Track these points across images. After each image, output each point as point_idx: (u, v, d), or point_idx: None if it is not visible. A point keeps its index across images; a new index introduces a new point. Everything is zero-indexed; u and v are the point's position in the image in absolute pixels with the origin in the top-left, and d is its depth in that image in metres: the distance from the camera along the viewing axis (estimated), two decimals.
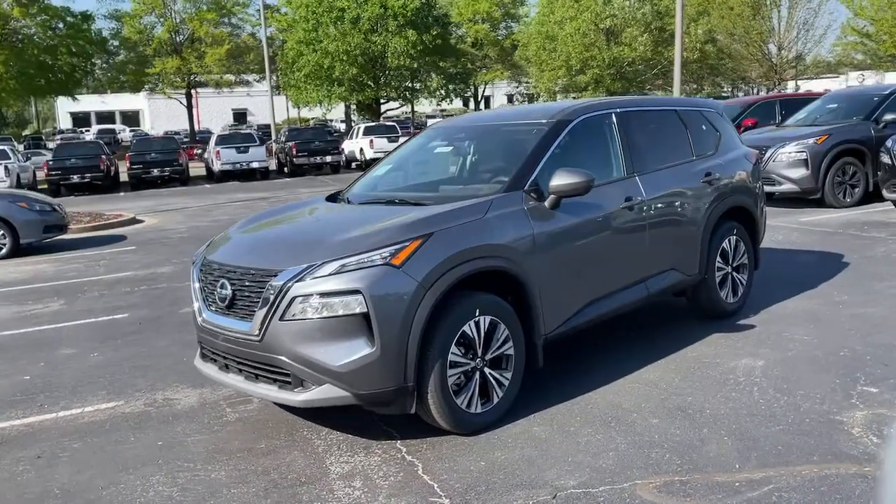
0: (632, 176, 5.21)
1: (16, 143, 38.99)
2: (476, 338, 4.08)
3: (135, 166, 25.99)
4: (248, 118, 79.52)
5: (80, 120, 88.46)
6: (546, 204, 4.52)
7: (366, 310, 3.71)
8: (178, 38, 55.63)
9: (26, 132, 75.50)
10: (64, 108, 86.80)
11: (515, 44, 49.87)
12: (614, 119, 5.29)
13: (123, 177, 26.58)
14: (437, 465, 3.80)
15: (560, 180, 4.47)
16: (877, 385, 4.48)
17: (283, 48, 40.83)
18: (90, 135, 59.50)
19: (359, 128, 30.21)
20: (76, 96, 56.90)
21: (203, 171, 30.21)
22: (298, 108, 46.55)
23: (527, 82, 52.39)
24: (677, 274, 5.49)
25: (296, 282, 3.80)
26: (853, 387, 4.47)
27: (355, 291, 3.72)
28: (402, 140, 23.12)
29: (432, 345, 3.89)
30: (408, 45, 33.27)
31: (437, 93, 38.81)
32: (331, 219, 4.91)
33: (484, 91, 64.38)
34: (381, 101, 38.39)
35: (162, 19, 55.31)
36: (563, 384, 4.78)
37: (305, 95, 36.31)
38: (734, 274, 6.04)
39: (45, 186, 25.01)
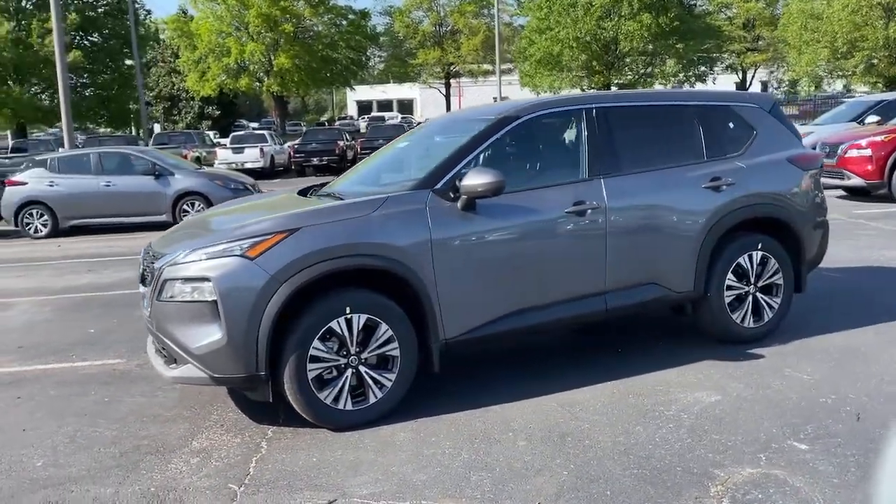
0: (593, 179, 4.78)
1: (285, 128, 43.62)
2: (347, 335, 4.10)
3: (297, 155, 28.37)
4: None
5: (364, 108, 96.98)
6: (458, 205, 4.36)
7: (215, 297, 3.93)
8: (440, 31, 58.99)
9: (323, 118, 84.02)
10: (352, 96, 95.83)
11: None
12: (583, 117, 4.89)
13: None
14: (277, 454, 3.92)
15: (468, 180, 4.30)
16: (814, 442, 3.73)
17: (520, 37, 41.46)
18: (362, 122, 64.64)
19: None
20: (354, 86, 62.48)
21: None
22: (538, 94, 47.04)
23: (784, 67, 47.69)
24: (659, 289, 4.94)
25: (168, 266, 4.13)
26: (781, 440, 3.77)
27: (207, 279, 3.95)
28: None
29: (289, 337, 4.00)
30: (641, 28, 32.04)
31: (674, 77, 36.87)
32: (255, 210, 5.11)
33: (753, 76, 59.67)
34: (613, 87, 37.41)
35: (428, 13, 58.86)
36: (476, 394, 4.60)
37: (537, 82, 36.57)
38: (758, 295, 5.26)
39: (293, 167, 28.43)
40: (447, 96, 60.79)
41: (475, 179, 4.28)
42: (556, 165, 4.89)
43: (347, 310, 4.09)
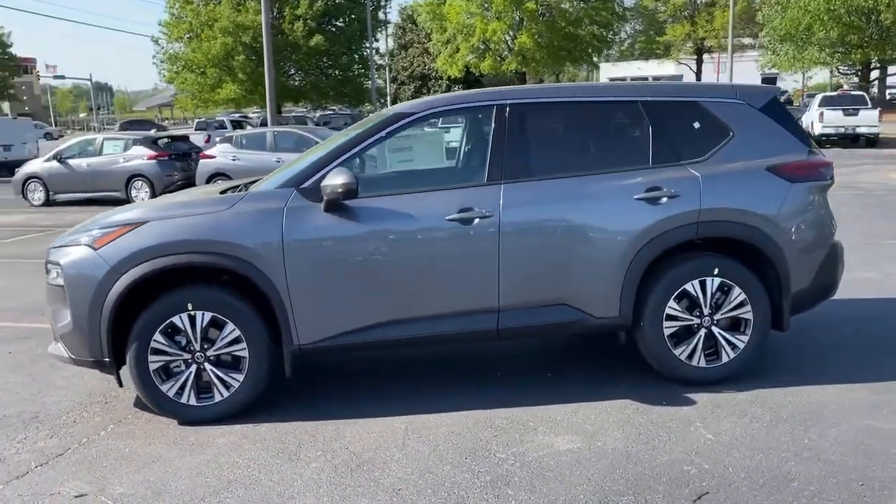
0: (492, 184, 4.29)
1: None
2: (189, 331, 4.14)
3: None
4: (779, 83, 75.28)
5: None
6: (322, 206, 4.17)
7: (63, 283, 4.17)
8: (696, 2, 55.65)
9: None
10: (605, 74, 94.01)
11: None
12: (491, 114, 4.39)
13: None
14: (109, 441, 4.07)
15: (326, 181, 4.11)
16: None
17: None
18: None
19: (816, 98, 26.43)
20: (602, 63, 61.01)
21: None
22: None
23: None
24: (572, 312, 4.33)
25: (50, 248, 4.44)
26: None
27: (59, 265, 4.21)
28: None
29: (132, 328, 4.13)
30: None
31: None
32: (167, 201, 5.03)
33: None
34: (876, 65, 32.52)
35: None
36: (339, 405, 4.41)
37: (780, 60, 32.96)
38: (714, 330, 4.40)
39: None
40: (698, 73, 57.26)
41: (330, 180, 4.08)
42: (451, 167, 4.47)
43: (189, 306, 4.12)
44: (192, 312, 4.12)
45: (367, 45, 37.70)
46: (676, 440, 3.77)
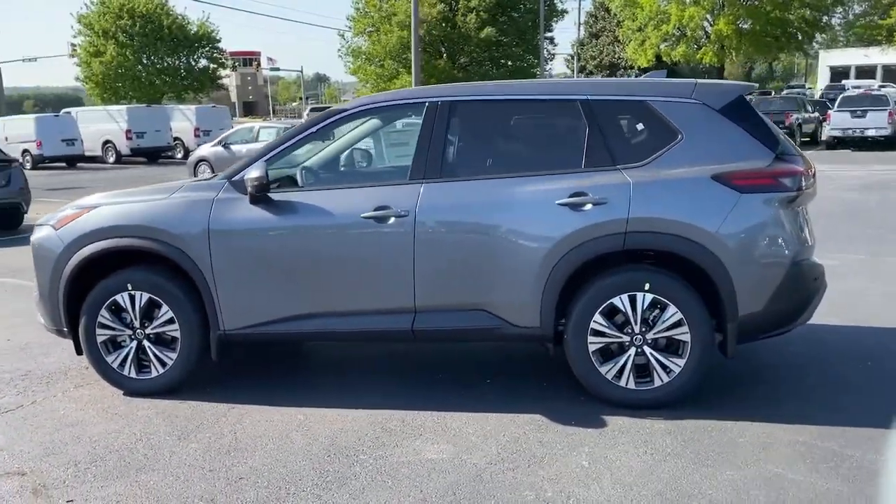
0: (413, 183, 4.22)
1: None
2: (129, 309, 4.48)
3: None
4: None
5: (839, 74, 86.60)
6: (248, 198, 4.34)
7: (33, 258, 4.67)
8: None
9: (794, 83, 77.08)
10: (826, 61, 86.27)
11: None
12: (423, 112, 4.30)
13: None
14: (48, 401, 4.53)
15: (245, 174, 4.26)
16: None
17: None
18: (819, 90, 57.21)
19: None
20: (820, 51, 56.16)
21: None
22: None
23: None
24: (490, 319, 4.16)
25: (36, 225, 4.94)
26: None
27: (31, 242, 4.71)
28: None
29: (83, 302, 4.54)
30: None
31: None
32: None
33: None
34: None
35: None
36: (269, 393, 4.56)
37: None
38: (646, 350, 4.04)
39: None
40: None
41: (247, 174, 4.23)
42: (377, 165, 4.43)
43: (129, 286, 4.46)
44: (133, 292, 4.46)
45: (540, 35, 37.48)
46: (544, 464, 3.53)
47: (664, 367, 4.04)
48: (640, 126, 4.16)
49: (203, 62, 41.15)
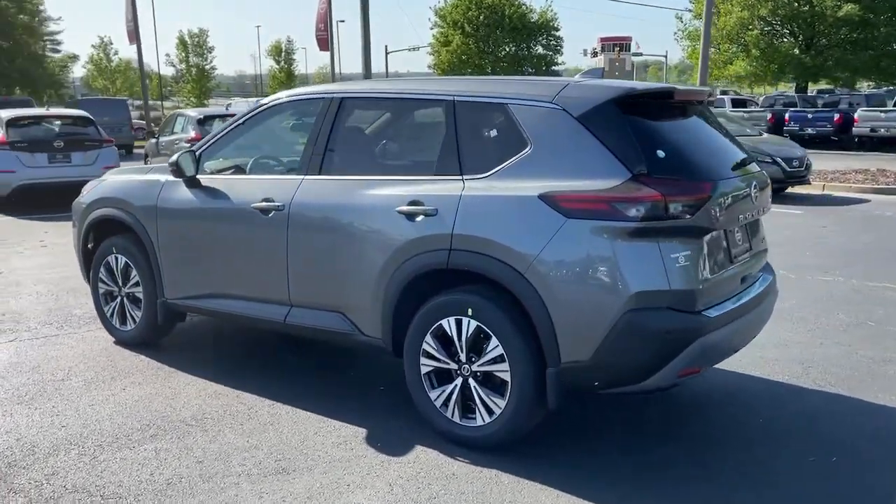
0: (297, 176, 4.25)
1: None
2: (114, 269, 5.22)
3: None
4: None
5: None
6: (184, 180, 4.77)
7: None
8: None
9: None
10: None
11: None
12: (321, 107, 4.25)
13: None
14: (40, 339, 5.50)
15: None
16: None
17: None
18: None
19: None
20: None
21: None
22: None
23: None
24: (345, 323, 4.05)
25: None
26: None
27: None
28: None
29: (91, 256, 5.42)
30: None
31: None
32: None
33: None
34: None
35: None
36: (201, 367, 4.98)
37: None
38: (472, 383, 3.60)
39: None
40: None
41: (171, 159, 4.66)
42: (282, 157, 4.48)
43: (113, 249, 5.21)
44: (116, 255, 5.20)
45: None
46: (286, 477, 3.41)
47: (486, 405, 3.56)
48: (494, 132, 3.65)
49: (539, 49, 42.59)
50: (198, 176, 4.64)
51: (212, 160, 4.73)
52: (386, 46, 61.90)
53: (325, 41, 37.28)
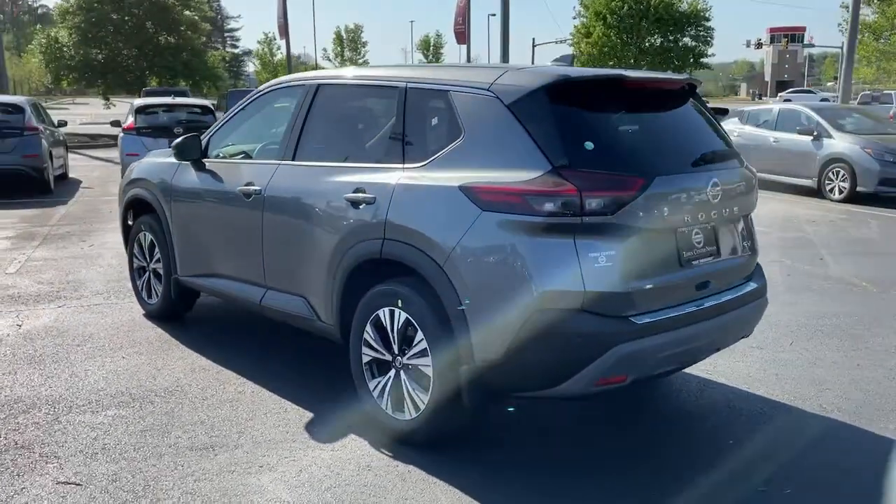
0: (275, 162, 4.34)
1: None
2: (143, 246, 5.56)
3: None
4: None
5: None
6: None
7: None
8: None
9: None
10: None
11: None
12: (301, 94, 4.31)
13: None
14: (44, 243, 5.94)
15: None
16: None
17: None
18: None
19: None
20: None
21: None
22: None
23: None
24: (306, 308, 4.11)
25: None
26: None
27: None
28: None
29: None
30: None
31: None
32: None
33: None
34: None
35: None
36: (207, 346, 5.20)
37: None
38: (402, 376, 3.55)
39: None
40: None
41: (175, 141, 4.90)
42: (271, 142, 4.55)
43: (142, 227, 5.54)
44: (144, 233, 5.52)
45: None
46: (206, 456, 3.50)
47: (413, 399, 3.49)
48: (435, 120, 3.54)
49: (687, 41, 40.64)
50: (203, 160, 4.85)
51: (220, 145, 4.90)
52: (533, 39, 61.63)
53: (462, 35, 37.64)
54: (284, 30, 33.06)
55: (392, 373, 3.59)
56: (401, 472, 3.33)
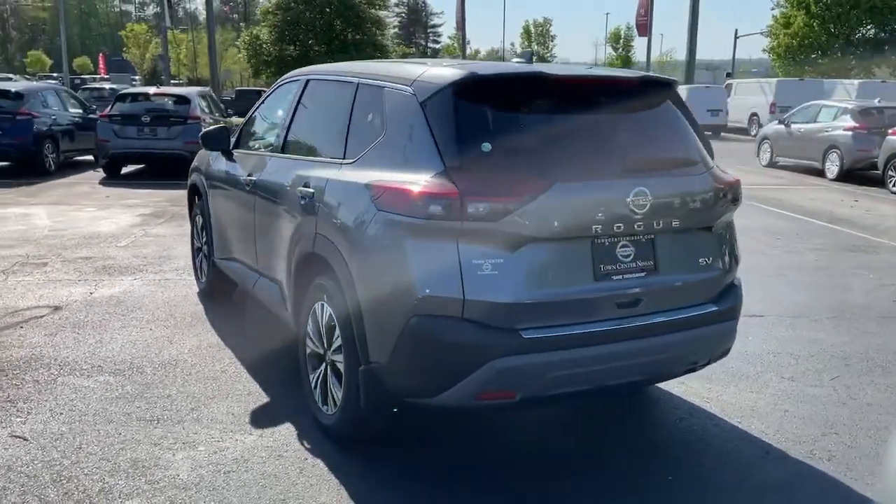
0: (269, 154, 4.52)
1: None
2: (197, 228, 6.00)
3: None
4: None
5: None
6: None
7: None
8: None
9: None
10: None
11: None
12: (298, 88, 4.44)
13: None
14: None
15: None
16: None
17: None
18: None
19: None
20: None
21: None
22: None
23: None
24: (278, 294, 4.25)
25: None
26: None
27: None
28: None
29: None
30: None
31: None
32: None
33: None
34: None
35: None
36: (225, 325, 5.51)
37: None
38: (328, 371, 3.59)
39: None
40: None
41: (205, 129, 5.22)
42: (275, 130, 4.69)
43: (197, 210, 5.95)
44: (198, 216, 5.94)
45: None
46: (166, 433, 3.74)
47: (334, 394, 3.51)
48: (371, 116, 3.49)
49: None
50: (233, 150, 5.13)
51: (248, 136, 5.14)
52: (736, 31, 57.85)
53: (644, 27, 36.42)
54: (462, 24, 33.84)
55: (323, 366, 3.62)
56: (306, 464, 3.35)
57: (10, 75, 46.03)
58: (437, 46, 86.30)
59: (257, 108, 5.13)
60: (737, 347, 4.77)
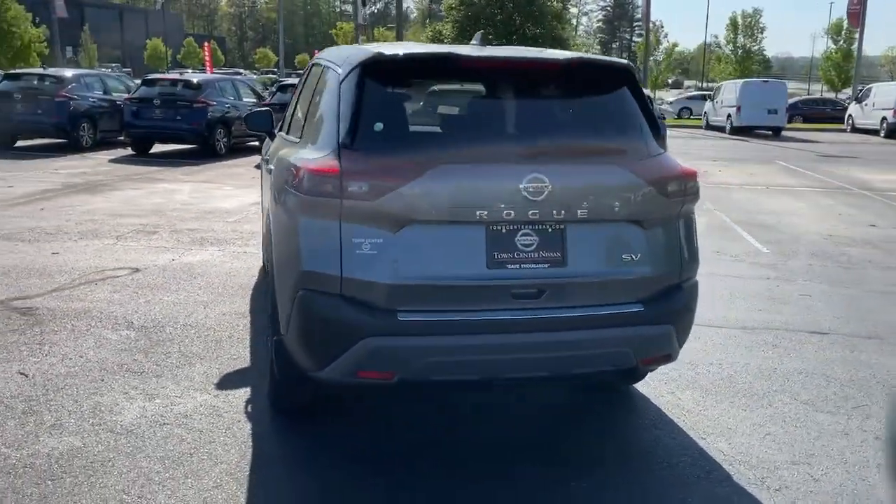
0: (286, 136, 4.74)
1: None
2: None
3: None
4: None
5: None
6: None
7: None
8: None
9: None
10: None
11: None
12: (308, 71, 4.65)
13: None
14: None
15: None
16: None
17: None
18: None
19: None
20: None
21: None
22: None
23: None
24: None
25: None
26: None
27: None
28: None
29: None
30: None
31: None
32: None
33: None
34: None
35: None
36: None
37: None
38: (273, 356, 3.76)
39: None
40: None
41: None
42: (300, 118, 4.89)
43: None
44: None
45: None
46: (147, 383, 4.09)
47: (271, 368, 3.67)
48: (319, 97, 3.58)
49: None
50: (274, 130, 5.44)
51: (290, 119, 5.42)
52: None
53: (855, 16, 33.06)
54: (646, 17, 32.63)
55: (273, 341, 3.78)
56: (237, 426, 3.52)
57: (242, 70, 52.35)
58: (641, 40, 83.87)
59: (296, 93, 5.38)
60: (764, 364, 4.40)
